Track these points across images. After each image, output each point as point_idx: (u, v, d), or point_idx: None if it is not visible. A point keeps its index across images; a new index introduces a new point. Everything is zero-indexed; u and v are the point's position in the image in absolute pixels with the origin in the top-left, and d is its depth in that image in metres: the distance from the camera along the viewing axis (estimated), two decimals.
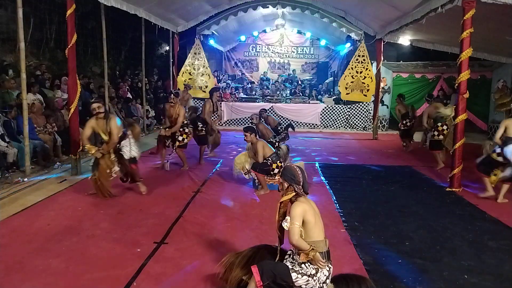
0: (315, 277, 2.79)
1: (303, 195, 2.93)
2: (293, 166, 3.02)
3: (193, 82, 13.00)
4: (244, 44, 17.05)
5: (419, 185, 6.74)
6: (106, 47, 9.20)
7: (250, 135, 6.02)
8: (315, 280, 2.79)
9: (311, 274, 2.80)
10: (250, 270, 2.89)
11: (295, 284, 2.78)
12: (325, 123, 13.69)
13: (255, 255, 3.13)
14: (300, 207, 2.82)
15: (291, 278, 2.78)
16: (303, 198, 2.93)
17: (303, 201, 2.90)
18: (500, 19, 7.15)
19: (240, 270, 3.07)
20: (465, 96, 6.19)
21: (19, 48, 6.42)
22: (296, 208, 2.82)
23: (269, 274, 2.75)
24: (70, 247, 3.98)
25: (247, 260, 3.10)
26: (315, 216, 2.88)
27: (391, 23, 9.91)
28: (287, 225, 2.79)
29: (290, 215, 2.82)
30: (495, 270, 3.71)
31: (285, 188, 2.98)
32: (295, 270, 2.81)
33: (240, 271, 3.06)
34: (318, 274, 2.80)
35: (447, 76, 13.35)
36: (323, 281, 2.82)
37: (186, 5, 10.92)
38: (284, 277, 2.77)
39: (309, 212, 2.84)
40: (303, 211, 2.81)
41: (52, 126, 7.90)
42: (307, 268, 2.81)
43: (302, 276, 2.79)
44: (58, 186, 6.08)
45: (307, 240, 2.81)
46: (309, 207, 2.87)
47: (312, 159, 8.64)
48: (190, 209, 5.23)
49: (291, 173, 2.94)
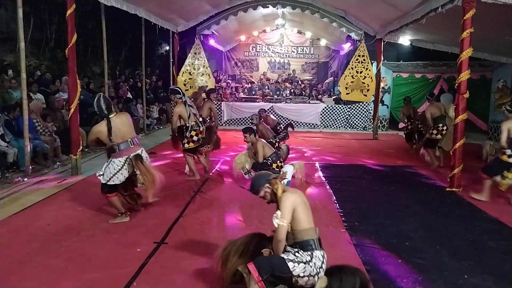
0: (311, 262, 2.82)
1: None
2: (257, 175, 3.20)
3: (193, 82, 13.00)
4: (244, 44, 17.05)
5: (419, 185, 6.74)
6: (106, 47, 9.20)
7: (249, 135, 6.03)
8: (311, 266, 2.81)
9: (306, 261, 2.82)
10: (246, 259, 2.95)
11: (293, 274, 2.79)
12: (325, 123, 13.69)
13: (249, 244, 3.15)
14: (289, 199, 2.88)
15: (289, 268, 2.79)
16: (289, 188, 3.03)
17: (292, 192, 2.98)
18: (500, 19, 7.15)
19: (236, 260, 3.08)
20: (465, 96, 6.19)
21: (19, 48, 6.43)
22: (286, 201, 2.87)
23: (266, 268, 2.76)
24: (70, 247, 3.98)
25: (242, 249, 3.12)
26: (304, 205, 2.93)
27: (391, 23, 9.91)
28: (277, 222, 2.81)
29: (280, 209, 2.85)
30: (495, 270, 3.71)
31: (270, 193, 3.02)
32: (290, 259, 2.82)
33: (236, 262, 3.07)
34: (313, 259, 2.83)
35: (447, 76, 13.36)
36: (319, 266, 2.84)
37: (186, 5, 10.91)
38: (281, 269, 2.78)
39: (298, 202, 2.90)
40: (293, 203, 2.86)
41: (52, 126, 7.92)
42: (302, 255, 2.83)
43: (298, 264, 2.80)
44: (58, 186, 6.07)
45: (298, 228, 2.85)
46: (298, 196, 2.94)
47: (312, 159, 8.64)
48: (190, 209, 5.23)
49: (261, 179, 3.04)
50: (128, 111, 11.24)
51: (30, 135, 6.75)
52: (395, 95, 13.84)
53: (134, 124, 11.55)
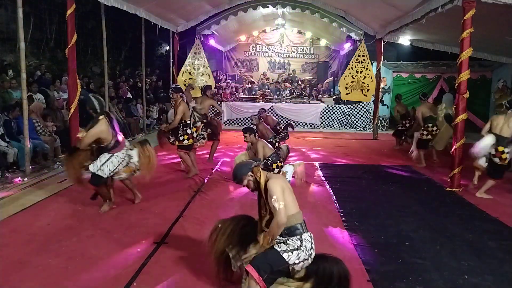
0: (302, 247, 2.83)
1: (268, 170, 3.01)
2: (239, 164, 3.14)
3: (193, 82, 12.99)
4: (244, 44, 17.04)
5: (419, 185, 6.75)
6: (106, 47, 9.20)
7: (249, 135, 6.02)
8: (303, 250, 2.82)
9: (298, 246, 2.83)
10: (233, 239, 3.05)
11: (290, 263, 2.81)
12: (325, 123, 13.68)
13: (237, 225, 3.19)
14: (278, 185, 2.88)
15: (285, 260, 2.80)
16: (272, 174, 3.06)
17: (276, 177, 3.00)
18: (500, 19, 7.15)
19: (224, 240, 3.12)
20: (465, 96, 6.19)
21: (19, 48, 6.43)
22: (275, 186, 2.86)
23: (265, 267, 2.77)
24: (70, 247, 3.98)
25: (230, 230, 3.15)
26: (289, 190, 2.96)
27: (391, 23, 9.91)
28: (277, 205, 2.78)
29: (274, 194, 2.83)
30: (495, 270, 3.71)
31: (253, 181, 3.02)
32: (284, 250, 2.83)
33: (223, 242, 3.11)
34: (303, 243, 2.84)
35: (447, 76, 13.36)
36: (310, 248, 2.85)
37: (186, 5, 10.92)
38: (279, 262, 2.80)
39: (285, 186, 2.92)
40: (282, 188, 2.88)
41: (52, 126, 7.92)
42: (292, 242, 2.84)
43: (292, 253, 2.81)
44: (58, 186, 6.07)
45: (287, 214, 2.84)
46: (283, 181, 2.96)
47: (312, 159, 8.64)
48: (190, 209, 5.23)
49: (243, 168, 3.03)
50: (128, 111, 11.28)
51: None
52: (395, 95, 13.83)
53: (134, 124, 11.56)
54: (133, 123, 11.26)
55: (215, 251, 3.14)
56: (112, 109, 9.98)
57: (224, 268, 3.19)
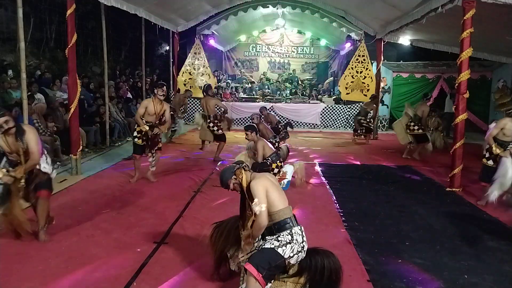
0: (293, 240, 2.85)
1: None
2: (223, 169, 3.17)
3: (193, 82, 13.00)
4: (244, 44, 17.05)
5: (419, 185, 6.75)
6: (106, 47, 9.19)
7: (251, 133, 6.01)
8: (295, 243, 2.84)
9: (290, 241, 2.85)
10: (230, 242, 3.12)
11: (285, 257, 2.82)
12: (325, 123, 13.69)
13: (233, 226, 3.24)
14: (260, 185, 2.89)
15: (281, 255, 2.82)
16: (256, 174, 3.06)
17: (259, 176, 3.00)
18: (500, 19, 7.15)
19: (222, 242, 3.22)
20: (465, 96, 6.19)
21: (19, 48, 6.41)
22: (258, 187, 2.88)
23: (263, 263, 2.79)
24: (70, 247, 3.98)
25: (228, 231, 3.24)
26: (274, 186, 2.97)
27: (391, 23, 9.91)
28: (258, 209, 2.81)
29: (256, 196, 2.85)
30: (495, 270, 3.71)
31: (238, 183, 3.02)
32: (277, 245, 2.84)
33: (222, 243, 3.22)
34: (294, 236, 2.86)
35: (447, 76, 13.36)
36: (301, 241, 2.88)
37: (186, 5, 10.92)
38: (276, 258, 2.82)
39: (269, 184, 2.93)
40: (264, 187, 2.89)
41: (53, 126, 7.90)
42: (284, 237, 2.86)
43: (285, 246, 2.83)
44: (58, 186, 6.06)
45: (274, 210, 2.88)
46: (266, 179, 2.96)
47: (312, 159, 8.64)
48: (190, 209, 5.23)
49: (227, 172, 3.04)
50: (128, 111, 11.27)
51: None
52: (395, 95, 13.85)
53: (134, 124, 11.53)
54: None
55: (215, 252, 3.22)
56: (112, 109, 9.97)
57: (223, 268, 3.25)
